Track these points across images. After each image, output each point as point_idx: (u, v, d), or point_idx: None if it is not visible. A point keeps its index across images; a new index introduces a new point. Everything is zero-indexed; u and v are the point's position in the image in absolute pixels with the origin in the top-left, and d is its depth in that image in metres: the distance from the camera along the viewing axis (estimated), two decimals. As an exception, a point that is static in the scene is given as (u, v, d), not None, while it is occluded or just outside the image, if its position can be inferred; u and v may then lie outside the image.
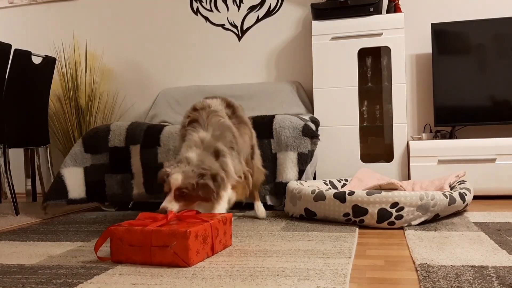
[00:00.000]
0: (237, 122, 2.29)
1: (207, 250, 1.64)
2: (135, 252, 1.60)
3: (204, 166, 1.94)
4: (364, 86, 3.59)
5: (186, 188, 1.89)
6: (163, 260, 1.56)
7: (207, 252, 1.64)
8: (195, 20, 4.07)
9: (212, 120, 2.14)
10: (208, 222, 1.66)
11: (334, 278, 1.38)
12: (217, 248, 1.71)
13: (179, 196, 1.90)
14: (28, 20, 4.44)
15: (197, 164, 1.95)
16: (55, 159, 4.23)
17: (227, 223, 1.80)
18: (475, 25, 3.31)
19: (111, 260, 1.66)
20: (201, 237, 1.59)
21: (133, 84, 4.22)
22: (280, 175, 2.75)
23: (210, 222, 1.66)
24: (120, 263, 1.63)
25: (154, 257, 1.58)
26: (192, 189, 1.89)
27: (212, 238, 1.67)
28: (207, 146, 2.04)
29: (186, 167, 1.94)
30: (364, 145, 3.59)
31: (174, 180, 1.90)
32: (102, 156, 2.97)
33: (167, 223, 1.65)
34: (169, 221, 1.67)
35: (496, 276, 1.35)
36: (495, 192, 3.09)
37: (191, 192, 1.90)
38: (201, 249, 1.60)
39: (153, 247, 1.57)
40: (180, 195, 1.89)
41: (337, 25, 3.44)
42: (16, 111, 3.21)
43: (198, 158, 1.97)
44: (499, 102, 3.27)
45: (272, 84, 3.76)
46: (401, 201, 2.13)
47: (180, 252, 1.53)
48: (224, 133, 2.11)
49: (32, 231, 2.35)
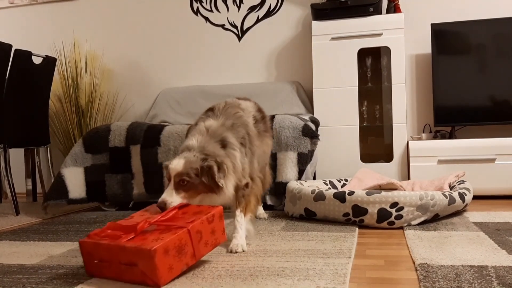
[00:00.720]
0: (263, 129, 2.13)
1: (186, 261, 1.44)
2: (105, 268, 1.44)
3: (207, 151, 1.74)
4: (364, 86, 3.59)
5: (188, 174, 1.67)
6: (134, 278, 1.39)
7: (186, 263, 1.44)
8: (195, 20, 4.07)
9: (228, 110, 1.94)
10: (185, 228, 1.44)
11: (334, 278, 1.38)
12: (202, 252, 1.51)
13: (180, 186, 1.68)
14: (28, 20, 4.44)
15: (199, 150, 1.74)
16: (55, 159, 4.23)
17: (215, 220, 1.58)
18: (474, 25, 3.31)
19: (86, 272, 1.51)
20: (174, 250, 1.39)
21: (133, 84, 4.22)
22: (280, 175, 2.76)
23: (188, 227, 1.44)
24: (93, 277, 1.49)
25: (124, 275, 1.40)
26: (195, 176, 1.68)
27: (192, 245, 1.46)
28: (213, 134, 1.81)
29: (187, 153, 1.74)
30: (364, 145, 3.59)
31: (174, 166, 1.68)
32: (102, 156, 2.97)
33: (138, 233, 1.45)
34: (141, 231, 1.45)
35: (496, 276, 1.35)
36: (494, 192, 3.09)
37: (194, 180, 1.68)
38: (176, 263, 1.40)
39: (121, 265, 1.39)
40: (182, 185, 1.68)
41: (337, 25, 3.44)
42: (17, 111, 3.21)
43: (200, 145, 1.76)
44: (499, 102, 3.28)
45: (272, 84, 3.76)
46: (400, 201, 2.13)
47: (148, 272, 1.34)
48: (237, 126, 1.89)
49: (32, 231, 2.35)
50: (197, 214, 1.56)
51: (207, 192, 1.72)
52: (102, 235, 1.48)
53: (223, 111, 1.92)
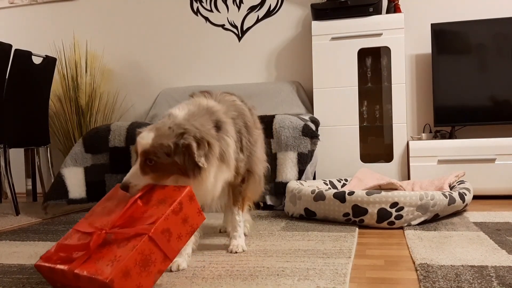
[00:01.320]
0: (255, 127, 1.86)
1: (157, 269, 1.26)
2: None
3: (188, 126, 1.42)
4: (364, 86, 3.59)
5: (156, 154, 1.36)
6: None
7: (158, 271, 1.26)
8: (195, 21, 4.07)
9: (226, 97, 1.70)
10: (145, 235, 1.22)
11: (334, 277, 1.38)
12: (176, 248, 1.31)
13: (147, 166, 1.38)
14: (28, 20, 4.44)
15: (180, 122, 1.43)
16: (55, 159, 4.23)
17: (184, 207, 1.32)
18: (474, 25, 3.31)
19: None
20: (137, 267, 1.20)
21: (133, 84, 4.22)
22: (280, 175, 2.76)
23: (150, 233, 1.23)
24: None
25: None
26: (166, 156, 1.37)
27: (160, 249, 1.26)
28: (206, 111, 1.52)
29: (161, 123, 1.43)
30: (364, 145, 3.59)
31: (141, 140, 1.38)
32: (102, 156, 2.98)
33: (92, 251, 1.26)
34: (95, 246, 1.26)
35: (496, 276, 1.35)
36: (494, 192, 3.09)
37: (163, 160, 1.37)
38: (145, 278, 1.22)
39: None
40: (150, 164, 1.38)
41: (337, 25, 3.44)
42: (17, 111, 3.21)
43: (186, 117, 1.46)
44: (499, 102, 3.28)
45: (272, 84, 3.76)
46: (400, 201, 2.13)
47: None
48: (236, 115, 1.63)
49: (32, 231, 2.35)
50: (161, 202, 1.32)
51: (181, 175, 1.42)
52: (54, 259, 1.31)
53: (221, 97, 1.69)
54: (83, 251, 1.26)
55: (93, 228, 1.34)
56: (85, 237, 1.33)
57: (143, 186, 1.39)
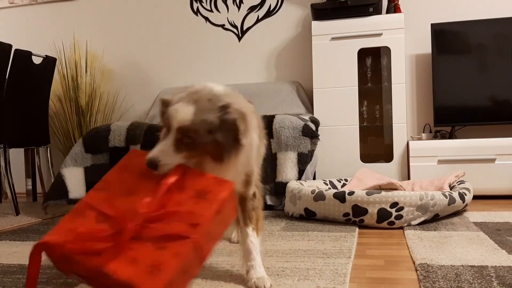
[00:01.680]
0: None
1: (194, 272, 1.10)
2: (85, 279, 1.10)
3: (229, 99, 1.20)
4: (364, 86, 3.59)
5: (196, 131, 1.14)
6: None
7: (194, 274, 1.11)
8: (195, 21, 4.07)
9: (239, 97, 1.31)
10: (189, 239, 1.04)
11: (334, 277, 1.38)
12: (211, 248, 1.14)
13: (182, 143, 1.16)
14: (28, 20, 4.44)
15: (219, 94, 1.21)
16: (55, 159, 4.23)
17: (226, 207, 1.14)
18: (474, 25, 3.31)
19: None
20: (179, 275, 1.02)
21: (133, 84, 4.22)
22: (280, 175, 2.76)
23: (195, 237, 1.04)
24: None
25: None
26: (208, 134, 1.15)
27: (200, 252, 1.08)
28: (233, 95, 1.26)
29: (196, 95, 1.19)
30: (364, 145, 3.59)
31: (178, 115, 1.16)
32: (102, 156, 2.98)
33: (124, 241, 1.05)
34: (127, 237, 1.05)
35: (496, 276, 1.35)
36: (494, 192, 3.09)
37: (204, 138, 1.15)
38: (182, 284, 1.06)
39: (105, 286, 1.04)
40: (186, 142, 1.16)
41: (337, 25, 3.44)
42: (17, 111, 3.21)
43: (225, 93, 1.22)
44: (499, 102, 3.28)
45: (272, 84, 3.76)
46: (400, 201, 2.13)
47: None
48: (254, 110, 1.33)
49: (32, 231, 2.35)
50: (201, 196, 1.13)
51: (214, 160, 1.19)
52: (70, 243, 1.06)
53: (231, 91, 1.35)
54: (109, 242, 1.05)
55: (115, 211, 1.12)
56: (105, 219, 1.11)
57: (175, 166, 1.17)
